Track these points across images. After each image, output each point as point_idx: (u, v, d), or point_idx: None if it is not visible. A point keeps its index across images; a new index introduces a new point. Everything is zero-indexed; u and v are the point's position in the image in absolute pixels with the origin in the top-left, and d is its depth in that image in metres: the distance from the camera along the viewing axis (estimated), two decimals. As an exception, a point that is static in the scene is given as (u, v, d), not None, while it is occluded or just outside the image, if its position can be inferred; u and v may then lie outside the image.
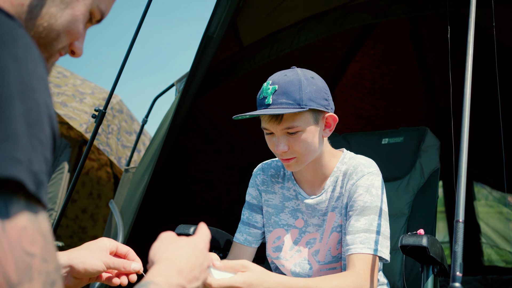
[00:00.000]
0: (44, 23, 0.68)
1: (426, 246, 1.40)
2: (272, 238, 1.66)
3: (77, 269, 0.94)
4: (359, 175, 1.53)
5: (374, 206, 1.49)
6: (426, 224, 2.01)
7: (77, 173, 2.27)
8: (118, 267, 1.02)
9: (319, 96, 1.47)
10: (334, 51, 4.21)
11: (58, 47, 0.72)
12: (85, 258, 0.97)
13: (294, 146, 1.47)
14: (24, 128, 0.53)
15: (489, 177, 5.18)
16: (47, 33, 0.69)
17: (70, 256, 0.95)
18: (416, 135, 2.24)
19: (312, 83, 1.47)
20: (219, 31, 2.60)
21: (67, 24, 0.70)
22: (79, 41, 0.74)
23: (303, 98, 1.43)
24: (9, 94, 0.53)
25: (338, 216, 1.57)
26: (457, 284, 1.07)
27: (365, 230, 1.46)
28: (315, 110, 1.47)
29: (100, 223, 4.93)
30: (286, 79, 1.46)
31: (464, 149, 1.24)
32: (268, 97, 1.45)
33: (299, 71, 1.49)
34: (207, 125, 3.71)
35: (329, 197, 1.59)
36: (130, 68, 11.41)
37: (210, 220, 2.29)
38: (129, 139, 4.60)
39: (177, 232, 1.82)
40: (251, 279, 1.23)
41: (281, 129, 1.46)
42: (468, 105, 1.32)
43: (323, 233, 1.59)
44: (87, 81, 4.70)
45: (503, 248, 5.22)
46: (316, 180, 1.61)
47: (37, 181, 0.54)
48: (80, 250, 0.99)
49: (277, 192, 1.68)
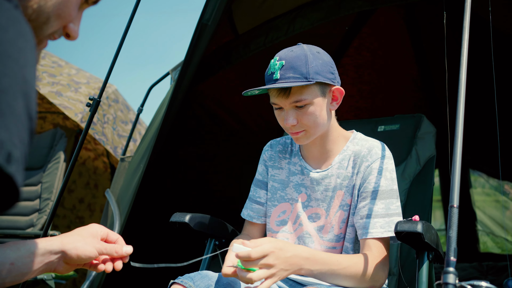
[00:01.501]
0: (33, 5, 0.65)
1: (421, 232, 1.40)
2: (277, 213, 1.69)
3: (69, 255, 0.94)
4: (374, 157, 1.56)
5: (389, 190, 1.53)
6: (422, 211, 2.02)
7: (72, 162, 2.26)
8: (110, 252, 1.02)
9: (325, 69, 1.51)
10: (329, 38, 4.20)
11: (48, 31, 0.69)
12: (78, 243, 0.96)
13: (303, 119, 1.51)
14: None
15: (485, 165, 5.19)
16: (36, 16, 0.66)
17: (62, 241, 0.94)
18: (412, 122, 2.23)
19: (318, 57, 1.51)
20: (213, 19, 2.58)
21: (58, 7, 0.67)
22: (74, 24, 0.71)
23: (309, 71, 1.47)
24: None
25: (347, 195, 1.59)
26: (451, 268, 1.07)
27: (384, 215, 1.50)
28: (322, 83, 1.52)
29: (97, 213, 4.92)
30: (292, 55, 1.50)
31: (459, 132, 1.23)
32: (276, 72, 1.49)
33: (305, 46, 1.54)
34: (202, 114, 3.70)
35: (337, 174, 1.61)
36: (125, 57, 11.32)
37: (206, 208, 2.30)
38: (125, 129, 4.59)
39: (172, 220, 1.82)
40: (279, 244, 1.32)
41: (290, 102, 1.50)
42: (463, 91, 1.31)
43: (330, 210, 1.61)
44: (82, 70, 4.67)
45: (498, 235, 5.24)
46: (322, 156, 1.64)
47: (4, 151, 0.49)
48: (72, 235, 0.98)
49: (283, 167, 1.72)
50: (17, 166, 0.51)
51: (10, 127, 0.50)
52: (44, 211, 3.33)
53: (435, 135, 2.17)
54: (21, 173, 0.52)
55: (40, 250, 0.89)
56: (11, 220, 3.39)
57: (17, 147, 0.51)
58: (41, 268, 0.89)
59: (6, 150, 0.49)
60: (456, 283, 1.06)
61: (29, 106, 0.54)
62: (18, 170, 0.51)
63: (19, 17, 0.56)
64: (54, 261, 0.92)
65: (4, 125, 0.49)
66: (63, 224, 4.87)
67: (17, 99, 0.52)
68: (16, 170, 0.51)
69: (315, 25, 2.95)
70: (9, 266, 0.82)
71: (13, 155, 0.50)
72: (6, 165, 0.49)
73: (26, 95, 0.54)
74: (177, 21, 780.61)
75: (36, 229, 3.27)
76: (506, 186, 5.18)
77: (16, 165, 0.51)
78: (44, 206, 3.35)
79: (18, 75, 0.53)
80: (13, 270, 0.82)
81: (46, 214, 3.29)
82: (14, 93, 0.51)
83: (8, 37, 0.53)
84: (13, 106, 0.51)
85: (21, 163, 0.52)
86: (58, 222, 4.82)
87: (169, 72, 3.26)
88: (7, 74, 0.51)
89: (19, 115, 0.52)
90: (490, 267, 4.19)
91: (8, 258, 0.82)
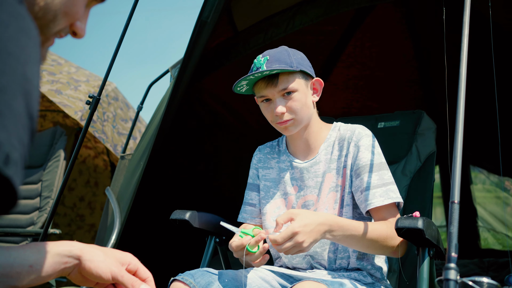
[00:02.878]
0: (40, 2, 0.63)
1: (422, 228, 1.40)
2: (272, 209, 1.75)
3: (83, 265, 0.87)
4: (358, 136, 1.65)
5: (379, 163, 1.62)
6: (423, 208, 2.01)
7: (72, 160, 2.26)
8: (126, 282, 0.91)
9: (305, 63, 1.67)
10: (329, 35, 4.19)
11: (55, 29, 0.67)
12: (96, 257, 0.89)
13: (292, 106, 1.62)
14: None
15: (486, 161, 5.19)
16: (43, 14, 0.64)
17: (83, 249, 0.88)
18: (412, 119, 2.23)
19: (298, 53, 1.67)
20: (213, 16, 2.57)
21: (65, 5, 0.66)
22: (81, 21, 0.70)
23: (293, 62, 1.61)
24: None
25: (336, 176, 1.67)
26: (452, 264, 1.07)
27: (380, 185, 1.58)
28: (305, 73, 1.65)
29: (97, 211, 4.93)
30: (276, 51, 1.64)
31: (460, 129, 1.23)
32: (262, 66, 1.60)
33: (284, 46, 1.68)
34: (202, 111, 3.69)
35: (324, 160, 1.70)
36: (125, 55, 11.25)
37: (206, 206, 2.29)
38: (125, 126, 4.59)
39: (173, 218, 1.82)
40: (304, 221, 1.40)
41: (278, 91, 1.61)
42: (464, 87, 1.31)
43: (320, 193, 1.68)
44: (82, 68, 4.66)
45: (499, 232, 5.25)
46: (308, 148, 1.74)
47: (2, 152, 0.47)
48: (96, 248, 0.91)
49: (273, 166, 1.80)
50: (16, 168, 0.49)
51: (8, 127, 0.49)
52: (45, 209, 3.33)
53: (435, 131, 2.17)
54: (20, 175, 0.50)
55: (59, 252, 0.85)
56: (12, 218, 3.39)
57: (15, 148, 0.49)
58: (58, 272, 0.85)
59: (4, 152, 0.48)
60: (457, 279, 1.06)
61: (30, 105, 0.53)
62: (16, 172, 0.50)
63: (22, 12, 0.55)
64: (70, 266, 0.88)
65: (2, 125, 0.48)
66: (63, 222, 4.87)
67: (16, 98, 0.50)
68: (14, 172, 0.49)
69: (315, 21, 2.94)
70: (28, 268, 0.79)
71: (11, 156, 0.49)
72: (4, 167, 0.48)
73: (27, 93, 0.52)
74: (176, 18, 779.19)
75: (36, 227, 3.27)
76: (506, 182, 5.18)
77: (15, 167, 0.49)
78: (45, 204, 3.35)
79: (19, 72, 0.51)
80: (31, 272, 0.79)
81: (47, 212, 3.29)
82: (13, 91, 0.50)
83: (9, 33, 0.52)
84: (12, 105, 0.49)
85: (20, 164, 0.50)
86: (59, 220, 4.83)
87: (168, 70, 3.25)
88: (6, 72, 0.49)
89: (19, 115, 0.50)
90: (491, 263, 4.19)
91: (27, 260, 0.78)
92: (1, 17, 0.51)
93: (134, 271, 0.95)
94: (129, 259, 0.95)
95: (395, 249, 1.54)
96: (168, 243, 3.50)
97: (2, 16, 0.51)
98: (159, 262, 2.85)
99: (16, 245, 0.82)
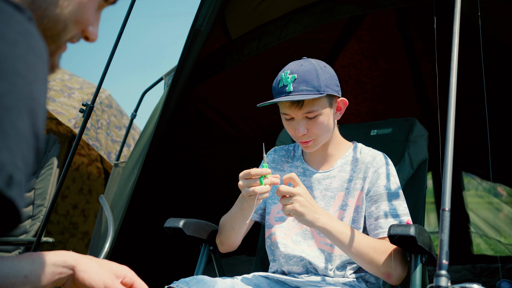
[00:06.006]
0: (49, 14, 0.63)
1: (414, 235, 1.42)
2: (277, 209, 1.77)
3: (76, 275, 0.85)
4: (379, 164, 1.69)
5: (397, 193, 1.65)
6: (415, 214, 2.03)
7: (65, 167, 2.26)
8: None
9: (333, 82, 1.64)
10: (322, 43, 4.21)
11: (67, 37, 0.67)
12: (90, 268, 0.88)
13: (313, 128, 1.63)
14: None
15: (478, 167, 5.21)
16: (53, 24, 0.64)
17: (78, 260, 0.87)
18: (404, 126, 2.24)
19: (326, 71, 1.64)
20: (206, 24, 2.58)
21: (75, 13, 0.65)
22: (93, 26, 0.70)
23: (321, 85, 1.59)
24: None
25: (347, 196, 1.69)
26: (443, 271, 1.08)
27: (394, 216, 1.61)
28: (330, 95, 1.65)
29: (91, 218, 4.90)
30: (303, 69, 1.62)
31: (450, 136, 1.24)
32: (289, 85, 1.59)
33: (313, 61, 1.66)
34: (196, 118, 3.70)
35: (339, 176, 1.71)
36: (119, 63, 11.21)
37: (200, 214, 2.30)
38: (119, 134, 4.58)
39: (166, 226, 1.82)
40: (306, 193, 1.49)
41: (302, 113, 1.62)
42: (454, 94, 1.32)
43: (329, 209, 1.69)
44: (75, 76, 4.66)
45: (491, 237, 5.27)
46: (325, 159, 1.77)
47: (5, 174, 0.46)
48: (92, 260, 0.90)
49: (286, 170, 1.82)
50: (19, 190, 0.49)
51: (12, 147, 0.48)
52: (38, 218, 3.31)
53: (427, 139, 2.19)
54: (23, 196, 0.50)
55: (54, 262, 0.84)
56: (5, 227, 3.37)
57: (19, 169, 0.49)
58: (52, 282, 0.84)
59: (7, 173, 0.47)
60: (448, 285, 1.07)
61: (36, 124, 0.52)
62: (19, 193, 0.49)
63: (31, 30, 0.54)
64: (64, 277, 0.87)
65: (6, 146, 0.47)
66: (56, 230, 4.84)
67: (22, 117, 0.50)
68: (18, 193, 0.49)
69: (308, 29, 2.96)
70: (22, 279, 0.78)
71: (15, 177, 0.48)
72: (7, 189, 0.47)
73: (33, 113, 0.52)
74: (170, 25, 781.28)
75: (29, 236, 3.26)
76: (499, 188, 5.21)
77: (18, 188, 0.49)
78: (38, 212, 3.33)
79: (25, 92, 0.51)
80: (26, 283, 0.79)
81: (40, 221, 3.28)
82: (19, 111, 0.50)
83: (18, 52, 0.51)
84: (17, 126, 0.49)
85: (23, 185, 0.50)
86: (52, 228, 4.80)
87: (162, 77, 3.26)
88: (12, 91, 0.49)
89: (24, 135, 0.50)
90: (483, 269, 4.20)
91: (22, 271, 0.78)
92: (9, 35, 0.51)
93: (130, 285, 0.94)
94: (125, 272, 0.94)
95: (387, 270, 1.52)
96: (162, 251, 3.50)
97: (11, 34, 0.51)
98: (153, 269, 2.84)
99: (11, 256, 0.82)
